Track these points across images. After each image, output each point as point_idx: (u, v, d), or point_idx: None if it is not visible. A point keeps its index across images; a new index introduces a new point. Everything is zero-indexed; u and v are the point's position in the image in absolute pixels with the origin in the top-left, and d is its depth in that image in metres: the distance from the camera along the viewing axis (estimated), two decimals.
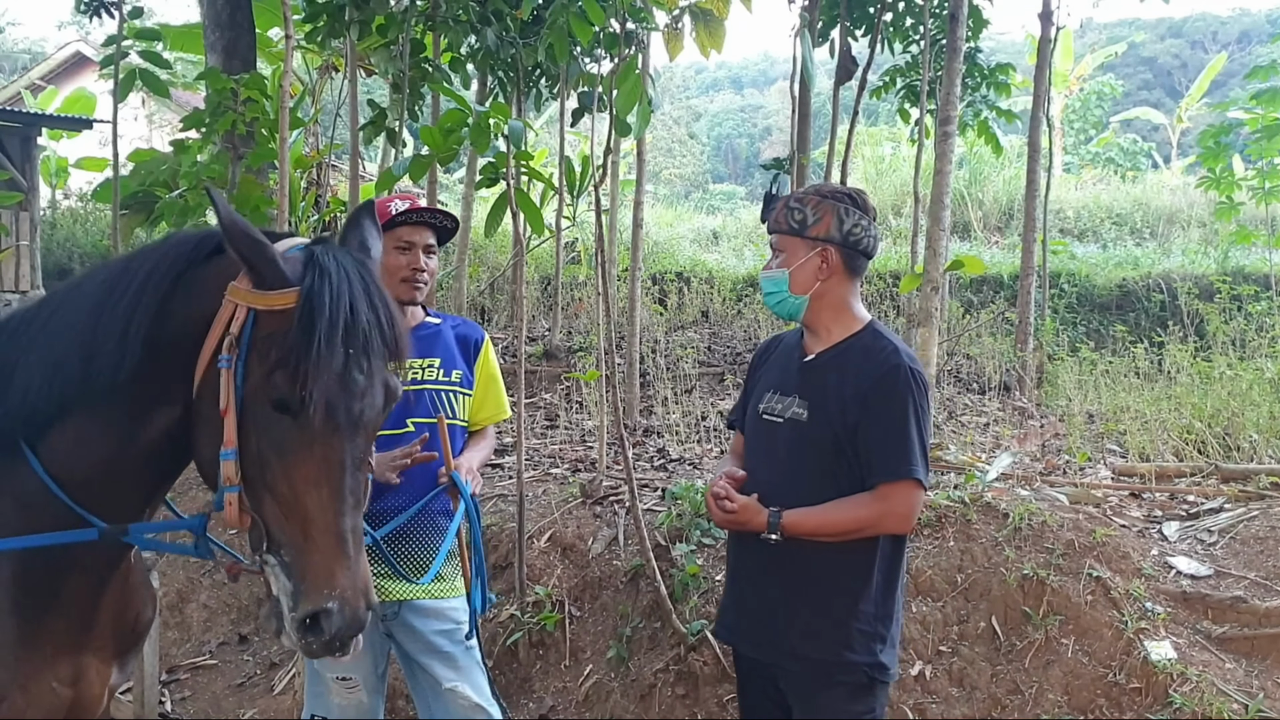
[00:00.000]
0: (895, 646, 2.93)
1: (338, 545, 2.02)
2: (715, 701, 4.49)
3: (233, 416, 2.07)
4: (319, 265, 2.09)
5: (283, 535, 2.06)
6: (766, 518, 2.81)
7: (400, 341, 2.19)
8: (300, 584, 2.02)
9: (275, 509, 2.07)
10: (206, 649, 5.74)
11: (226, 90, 5.78)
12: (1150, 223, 17.17)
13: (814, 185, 3.10)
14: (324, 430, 2.04)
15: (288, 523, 2.05)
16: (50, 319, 2.30)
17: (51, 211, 15.34)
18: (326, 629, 1.99)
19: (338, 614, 1.98)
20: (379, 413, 2.16)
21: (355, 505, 2.08)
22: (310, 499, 2.04)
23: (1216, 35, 52.27)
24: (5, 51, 38.78)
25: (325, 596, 1.99)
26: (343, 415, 2.06)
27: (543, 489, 5.95)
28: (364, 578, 2.04)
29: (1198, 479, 5.84)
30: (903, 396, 2.80)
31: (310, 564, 2.02)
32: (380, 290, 2.18)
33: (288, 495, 2.05)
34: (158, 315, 2.18)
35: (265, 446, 2.07)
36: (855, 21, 8.76)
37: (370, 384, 2.11)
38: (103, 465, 2.27)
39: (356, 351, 2.07)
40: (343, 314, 2.05)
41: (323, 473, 2.05)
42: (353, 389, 2.07)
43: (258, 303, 2.09)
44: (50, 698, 2.32)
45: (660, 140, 40.90)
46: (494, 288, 11.88)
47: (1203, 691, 3.99)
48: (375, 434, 2.22)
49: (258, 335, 2.08)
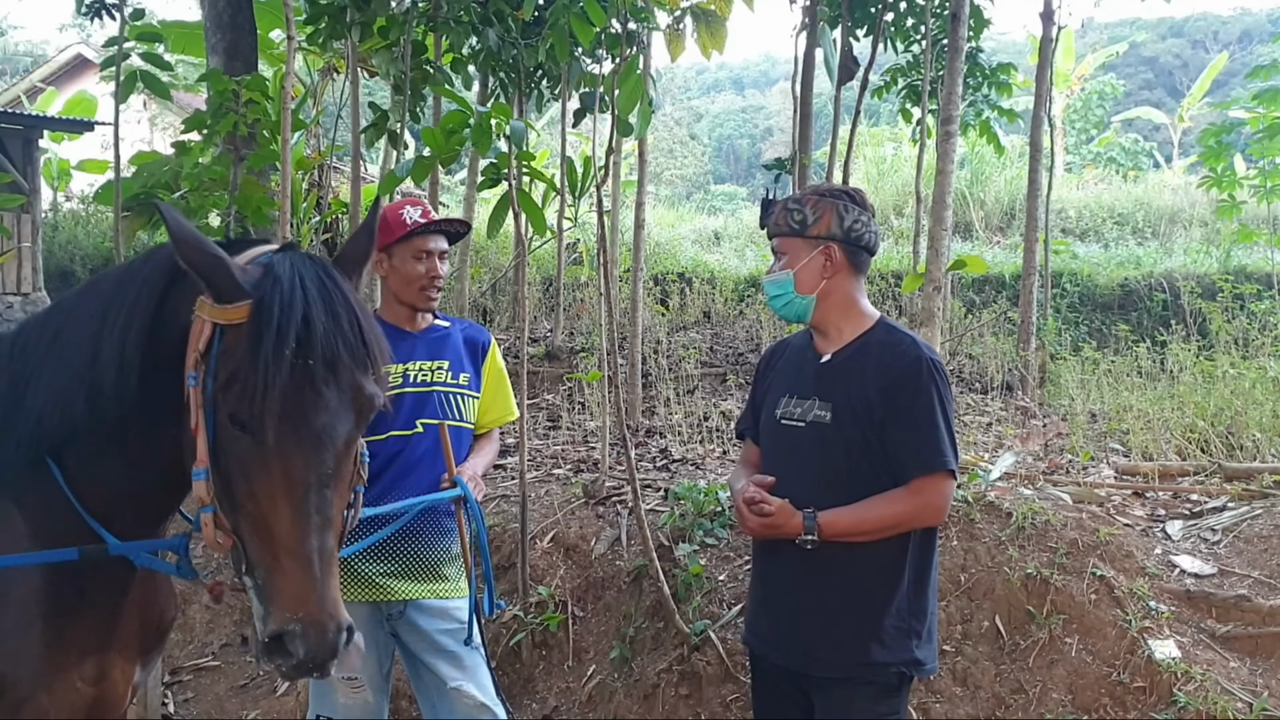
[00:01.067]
0: (933, 641, 2.91)
1: (303, 567, 1.95)
2: (719, 702, 4.48)
3: (203, 435, 2.03)
4: (273, 274, 2.04)
5: (255, 556, 2.01)
6: (802, 520, 2.77)
7: (373, 348, 2.11)
8: (269, 606, 1.97)
9: (247, 529, 2.02)
10: (209, 650, 5.73)
11: (228, 92, 5.77)
12: (1152, 222, 17.17)
13: (810, 186, 3.09)
14: (282, 447, 1.98)
15: (257, 543, 2.00)
16: (54, 343, 2.30)
17: (53, 214, 15.33)
18: (294, 652, 1.92)
19: (301, 637, 1.92)
20: (350, 427, 2.08)
21: (323, 525, 2.00)
22: (274, 519, 1.97)
23: (1218, 35, 52.22)
24: (6, 54, 38.81)
25: (288, 619, 1.92)
26: (303, 431, 1.99)
27: (545, 489, 5.95)
28: (332, 600, 1.96)
29: (1201, 478, 5.83)
30: (927, 389, 2.79)
31: (276, 586, 1.96)
32: (346, 297, 2.11)
33: (254, 515, 2.00)
34: (148, 340, 2.16)
35: (231, 465, 2.02)
36: (856, 21, 8.75)
37: (333, 394, 2.03)
38: (119, 482, 2.27)
39: (316, 363, 2.00)
40: (294, 325, 1.98)
41: (284, 491, 1.98)
42: (311, 402, 2.00)
43: (219, 317, 2.04)
44: (74, 696, 2.33)
45: (662, 141, 40.91)
46: (496, 289, 11.88)
47: (1207, 690, 3.99)
48: (348, 446, 2.10)
49: (221, 350, 2.03)
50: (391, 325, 3.53)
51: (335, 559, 2.03)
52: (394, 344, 3.44)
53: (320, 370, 2.01)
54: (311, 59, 10.55)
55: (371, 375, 2.11)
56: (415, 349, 3.51)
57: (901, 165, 18.61)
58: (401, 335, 3.50)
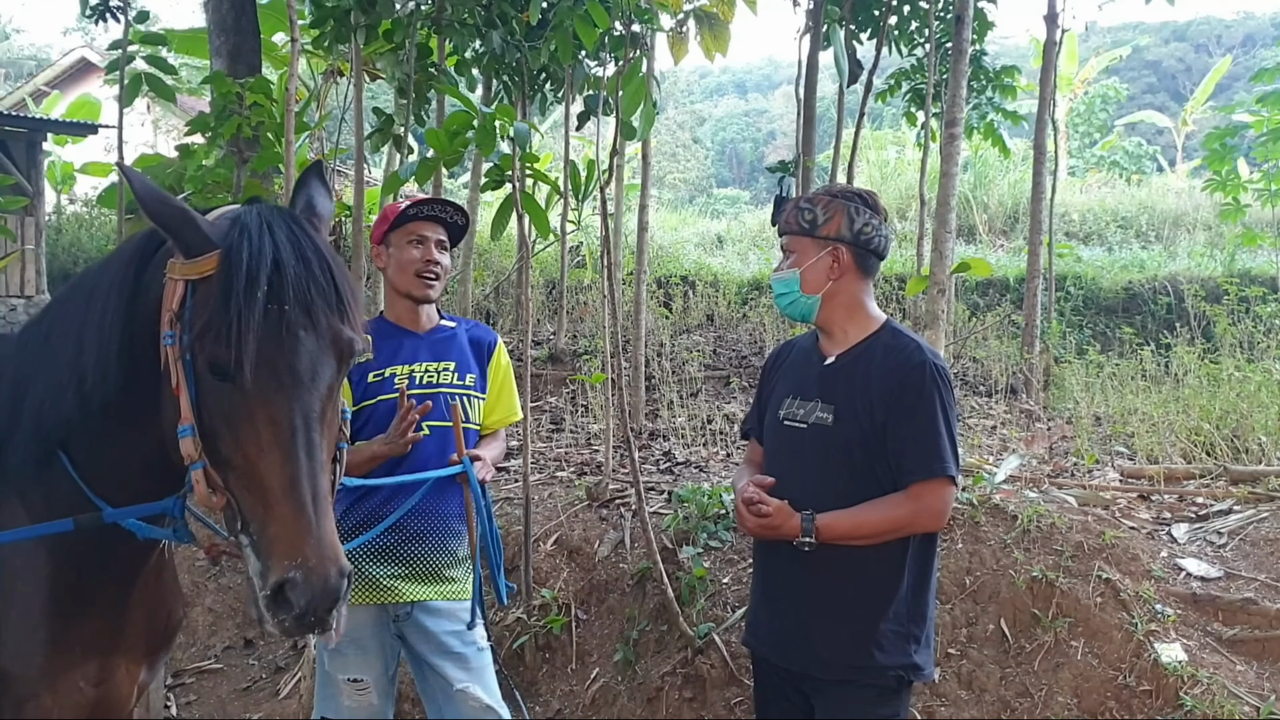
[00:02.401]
0: (930, 646, 2.91)
1: (297, 511, 1.89)
2: (723, 705, 4.47)
3: (184, 392, 2.00)
4: (240, 224, 2.02)
5: (248, 510, 1.96)
6: (800, 522, 2.77)
7: (343, 292, 2.08)
8: (266, 558, 1.91)
9: (237, 482, 1.97)
10: (212, 653, 5.73)
11: (232, 94, 5.78)
12: (1155, 226, 17.16)
13: (825, 186, 3.09)
14: (263, 391, 1.95)
15: (249, 495, 1.95)
16: (46, 337, 2.30)
17: (57, 216, 15.36)
18: (294, 601, 1.85)
19: (303, 583, 1.85)
20: (331, 370, 2.05)
21: (313, 468, 1.95)
22: (263, 466, 1.93)
23: (1220, 39, 52.23)
24: (11, 58, 38.88)
25: (287, 566, 1.86)
26: (284, 372, 1.96)
27: (549, 492, 5.94)
28: (330, 543, 1.90)
29: (1206, 481, 5.81)
30: (930, 394, 2.78)
31: (272, 535, 1.90)
32: (315, 244, 2.08)
33: (243, 466, 1.96)
34: (127, 323, 2.15)
35: (215, 419, 1.99)
36: (860, 25, 8.76)
37: (311, 338, 2.00)
38: (125, 463, 2.26)
39: (291, 307, 1.97)
40: (264, 269, 1.96)
41: (270, 436, 1.94)
42: (290, 345, 1.97)
43: (189, 273, 2.02)
44: (78, 696, 2.32)
45: (664, 145, 40.93)
46: (499, 291, 11.87)
47: (1214, 694, 3.97)
48: (331, 392, 2.07)
49: (194, 304, 2.01)
50: (396, 326, 3.52)
51: (329, 503, 1.98)
52: (399, 345, 3.46)
53: (296, 314, 1.99)
54: (315, 62, 10.54)
55: (348, 319, 2.09)
56: (420, 350, 3.49)
57: (904, 169, 18.61)
58: (407, 336, 3.50)
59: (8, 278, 12.12)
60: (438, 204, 3.53)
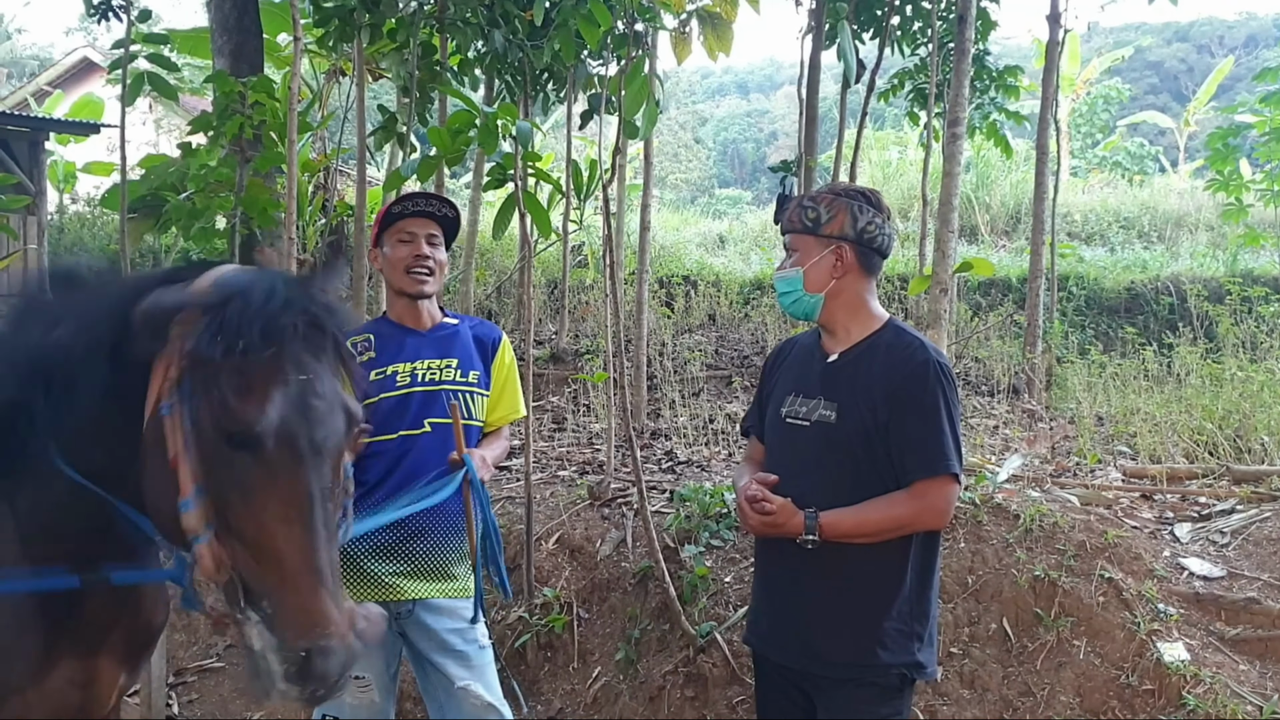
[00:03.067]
0: (933, 644, 2.90)
1: (318, 584, 1.88)
2: (725, 704, 4.47)
3: (184, 463, 1.94)
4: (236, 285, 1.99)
5: (259, 584, 1.91)
6: (803, 520, 2.76)
7: (349, 362, 2.10)
8: (284, 632, 1.87)
9: (247, 555, 1.92)
10: (214, 652, 5.73)
11: (234, 93, 5.78)
12: (1158, 226, 17.15)
13: (828, 184, 3.08)
14: (285, 461, 1.91)
15: (261, 568, 1.90)
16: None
17: (59, 216, 15.36)
18: (321, 668, 1.83)
19: (335, 653, 1.84)
20: (340, 439, 2.02)
21: (329, 539, 1.94)
22: (283, 537, 1.89)
23: (1223, 40, 52.20)
24: (13, 58, 38.91)
25: (315, 637, 1.84)
26: (304, 443, 1.93)
27: (550, 491, 5.94)
28: (350, 613, 1.91)
29: (1209, 481, 5.81)
30: (934, 392, 2.78)
31: (292, 607, 1.86)
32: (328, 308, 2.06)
33: (257, 537, 1.90)
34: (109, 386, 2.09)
35: (227, 490, 1.93)
36: (863, 25, 8.76)
37: (325, 405, 1.98)
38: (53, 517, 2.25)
39: (310, 377, 1.97)
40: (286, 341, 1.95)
41: (293, 506, 1.91)
42: (309, 415, 1.95)
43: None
44: (60, 698, 2.32)
45: (666, 145, 40.93)
46: (501, 291, 11.88)
47: (1216, 693, 3.97)
48: (339, 461, 2.05)
49: (198, 375, 1.94)
50: (398, 325, 3.53)
51: (339, 573, 1.98)
52: (401, 343, 3.46)
53: (312, 384, 1.97)
54: (318, 62, 10.54)
55: (347, 388, 2.09)
56: (423, 348, 3.49)
57: (907, 169, 18.60)
58: (409, 334, 3.50)
59: (9, 277, 12.12)
60: (422, 198, 3.53)
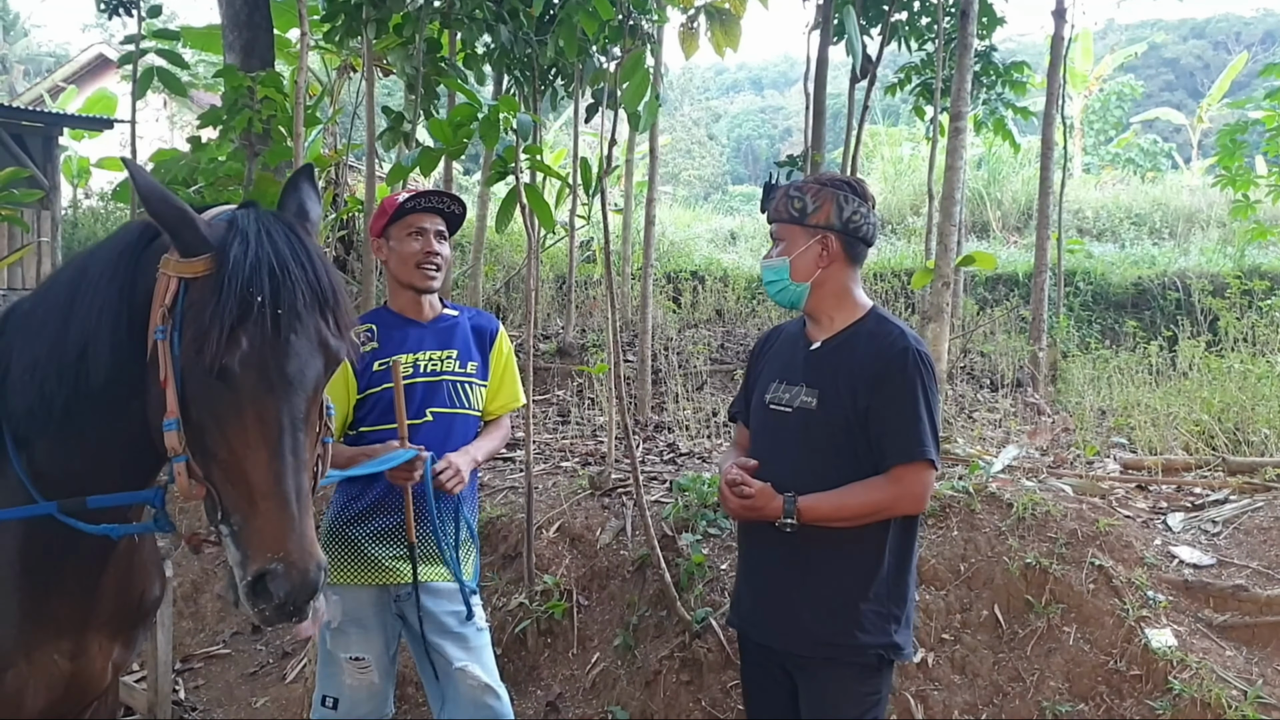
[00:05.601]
0: (909, 627, 2.96)
1: (280, 507, 2.00)
2: (719, 688, 4.53)
3: (172, 387, 2.07)
4: (237, 227, 2.10)
5: (230, 503, 2.05)
6: (782, 504, 2.83)
7: (333, 299, 2.17)
8: (247, 549, 2.01)
9: (221, 476, 2.06)
10: (220, 638, 5.82)
11: (243, 88, 5.86)
12: (1169, 223, 17.11)
13: (813, 175, 3.14)
14: (254, 391, 2.03)
15: (233, 489, 2.04)
16: (33, 322, 2.34)
17: (73, 210, 15.50)
18: (275, 592, 1.97)
19: (283, 576, 1.97)
20: (318, 373, 2.14)
21: (297, 466, 2.05)
22: (249, 462, 2.02)
23: (1240, 36, 51.94)
24: (30, 55, 39.14)
25: (269, 559, 1.97)
26: (274, 374, 2.05)
27: (552, 481, 6.00)
28: (310, 539, 2.02)
29: (1204, 472, 5.84)
30: (912, 379, 2.83)
31: (255, 528, 2.00)
32: (308, 249, 2.16)
33: (228, 460, 2.04)
34: (119, 313, 2.21)
35: (203, 413, 2.06)
36: (870, 20, 8.79)
37: (301, 342, 2.09)
38: (89, 458, 2.31)
39: (284, 311, 2.05)
40: (260, 274, 2.04)
41: (259, 434, 2.03)
42: (281, 349, 2.06)
43: (184, 271, 2.09)
44: (51, 669, 2.38)
45: (680, 141, 40.91)
46: (509, 286, 11.94)
47: (1202, 678, 4.01)
48: (316, 394, 2.17)
49: (188, 303, 2.08)
50: (400, 316, 3.59)
51: (310, 500, 2.08)
52: (404, 334, 3.54)
53: (288, 318, 2.06)
54: (329, 58, 10.63)
55: (336, 325, 2.17)
56: (425, 339, 3.57)
57: (919, 165, 18.55)
58: (411, 325, 3.57)
59: (23, 270, 12.25)
60: (435, 195, 3.60)
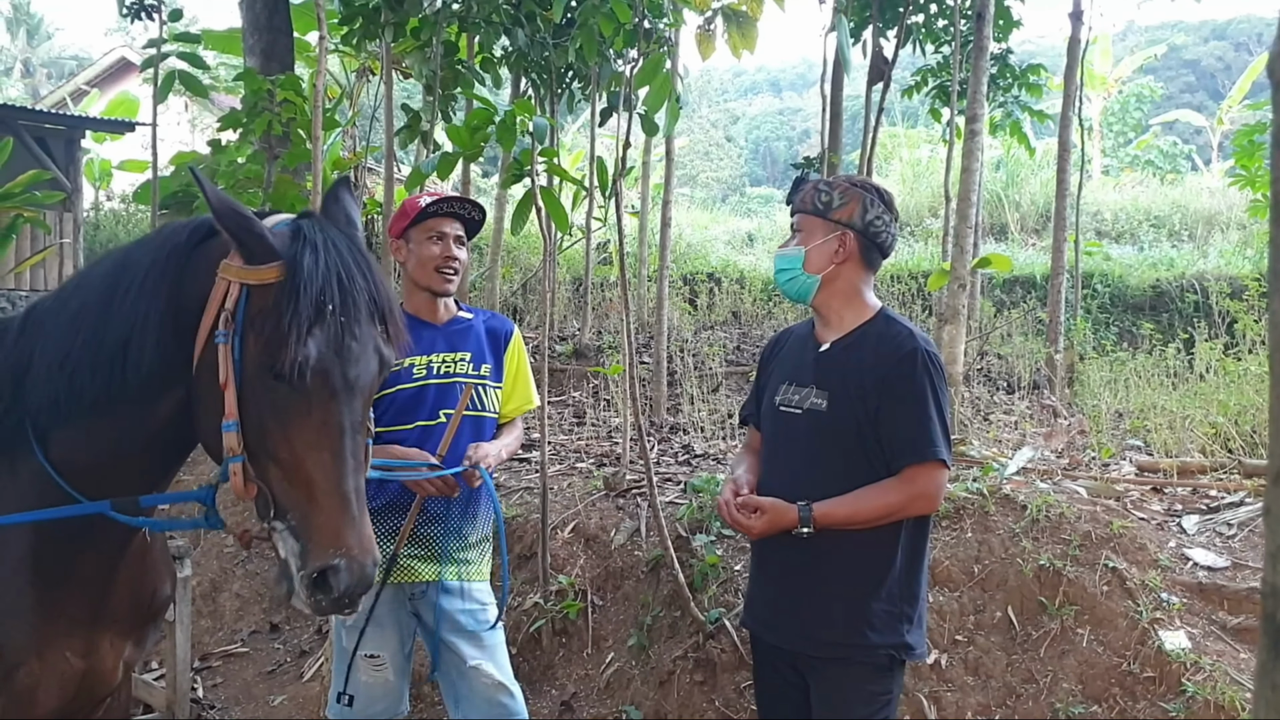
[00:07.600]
0: (922, 626, 2.97)
1: (342, 505, 2.10)
2: (733, 688, 4.55)
3: (232, 389, 2.15)
4: (305, 238, 2.18)
5: (288, 500, 2.13)
6: (797, 514, 2.84)
7: (389, 308, 2.27)
8: (307, 543, 2.09)
9: (279, 475, 2.14)
10: (238, 637, 5.87)
11: (263, 90, 5.91)
12: (1189, 225, 17.01)
13: (845, 174, 3.15)
14: (321, 395, 2.13)
15: (292, 488, 2.13)
16: (69, 315, 2.36)
17: (95, 213, 15.62)
18: (335, 585, 2.07)
19: (345, 570, 2.06)
20: (373, 377, 2.24)
21: (356, 467, 2.16)
22: (312, 462, 2.12)
23: (1261, 37, 51.51)
24: (52, 58, 39.42)
25: (332, 554, 2.06)
26: (338, 380, 2.14)
27: (568, 482, 6.03)
28: (368, 535, 2.12)
29: (1220, 475, 5.83)
30: (921, 380, 2.84)
31: (317, 524, 2.09)
32: (367, 260, 2.26)
33: (290, 461, 2.13)
34: (165, 312, 2.25)
35: (266, 415, 2.15)
36: (887, 22, 8.80)
37: (363, 350, 2.19)
38: (110, 452, 2.34)
39: (348, 319, 2.16)
40: (331, 284, 2.14)
41: (323, 436, 2.13)
42: (346, 355, 2.15)
43: (249, 278, 2.16)
44: (64, 667, 2.41)
45: (698, 143, 40.94)
46: (526, 288, 11.98)
47: (1215, 680, 4.00)
48: (371, 398, 2.29)
49: (251, 309, 2.16)
50: (414, 317, 3.60)
51: (365, 498, 2.18)
52: (417, 336, 3.55)
53: (351, 326, 2.17)
54: (348, 60, 10.69)
55: (389, 332, 2.28)
56: (437, 341, 3.59)
57: (937, 167, 18.50)
58: (424, 327, 3.59)
59: (45, 272, 12.36)
60: (457, 201, 3.64)
